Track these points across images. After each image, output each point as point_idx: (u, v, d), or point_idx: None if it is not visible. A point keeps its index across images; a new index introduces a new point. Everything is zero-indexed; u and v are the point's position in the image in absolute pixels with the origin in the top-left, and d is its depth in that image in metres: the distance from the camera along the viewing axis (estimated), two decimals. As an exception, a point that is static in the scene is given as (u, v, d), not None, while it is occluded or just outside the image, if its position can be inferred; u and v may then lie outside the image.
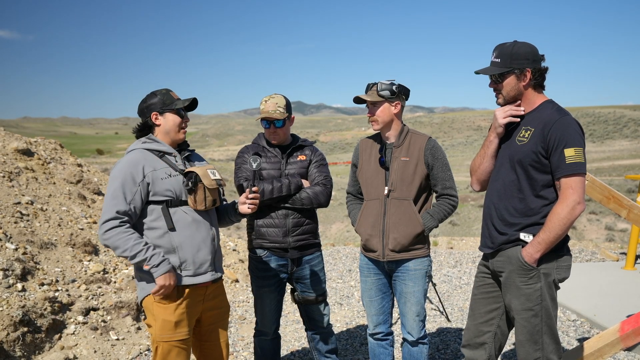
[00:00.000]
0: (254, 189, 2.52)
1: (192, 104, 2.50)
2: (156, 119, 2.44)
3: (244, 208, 2.53)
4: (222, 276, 2.59)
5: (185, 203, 2.41)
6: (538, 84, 2.36)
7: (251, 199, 2.51)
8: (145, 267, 2.26)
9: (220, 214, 2.66)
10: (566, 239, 2.36)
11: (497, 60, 2.34)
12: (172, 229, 2.35)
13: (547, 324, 2.35)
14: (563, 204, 2.21)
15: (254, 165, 2.58)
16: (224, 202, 2.71)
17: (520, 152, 2.33)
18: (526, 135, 2.33)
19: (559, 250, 2.33)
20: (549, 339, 2.36)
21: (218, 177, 2.48)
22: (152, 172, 2.34)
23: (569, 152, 2.19)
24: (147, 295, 2.38)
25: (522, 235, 2.34)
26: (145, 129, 2.48)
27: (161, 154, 2.42)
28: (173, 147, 2.50)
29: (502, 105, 2.44)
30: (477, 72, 2.40)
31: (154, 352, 2.40)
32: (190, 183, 2.37)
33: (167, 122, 2.44)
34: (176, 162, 2.45)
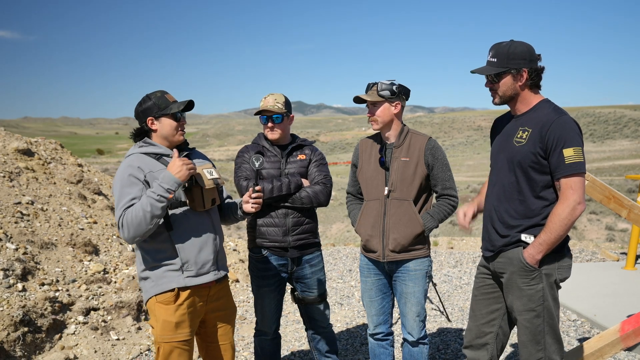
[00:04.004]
0: (257, 187, 2.52)
1: (189, 104, 2.48)
2: (152, 124, 2.42)
3: (248, 207, 2.53)
4: (226, 275, 2.59)
5: (184, 204, 2.40)
6: (534, 84, 2.34)
7: (254, 197, 2.51)
8: (170, 197, 2.23)
9: (224, 212, 2.66)
10: (566, 239, 2.36)
11: (493, 59, 2.32)
12: (172, 230, 2.35)
13: (549, 324, 2.34)
14: (564, 205, 2.20)
15: (257, 164, 2.58)
16: (229, 201, 2.71)
17: (518, 153, 2.32)
18: (524, 136, 2.31)
19: (560, 250, 2.32)
20: (551, 339, 2.36)
21: (215, 176, 2.47)
22: (149, 173, 2.33)
23: (568, 152, 2.18)
24: (150, 297, 2.38)
25: (524, 237, 2.33)
26: (142, 134, 2.47)
27: (158, 156, 2.41)
28: (171, 148, 2.49)
29: (498, 104, 2.42)
30: (473, 72, 2.38)
31: (156, 353, 2.40)
32: (186, 184, 2.36)
33: (163, 127, 2.42)
34: None
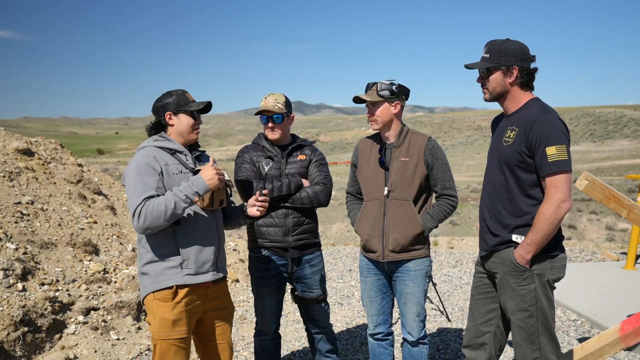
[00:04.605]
0: (264, 191, 2.53)
1: (206, 106, 2.52)
2: (170, 119, 2.46)
3: (253, 211, 2.54)
4: (224, 277, 2.60)
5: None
6: (525, 83, 2.35)
7: (261, 201, 2.52)
8: (195, 200, 2.29)
9: (228, 216, 2.67)
10: (560, 238, 2.36)
11: (486, 55, 2.35)
12: (178, 226, 2.36)
13: (543, 324, 2.34)
14: (548, 204, 2.20)
15: (267, 169, 2.60)
16: (232, 205, 2.72)
17: (506, 152, 2.33)
18: (511, 136, 2.32)
19: (553, 250, 2.32)
20: (546, 339, 2.36)
21: (226, 177, 2.50)
22: (165, 166, 2.37)
23: (551, 151, 2.18)
24: (148, 294, 2.39)
25: (514, 237, 2.34)
26: (158, 128, 2.51)
27: (172, 152, 2.45)
28: (184, 147, 2.52)
29: (488, 101, 2.43)
30: (466, 66, 2.40)
31: (154, 350, 2.41)
32: None
33: (180, 123, 2.46)
34: (187, 160, 2.48)
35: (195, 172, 2.42)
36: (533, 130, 2.22)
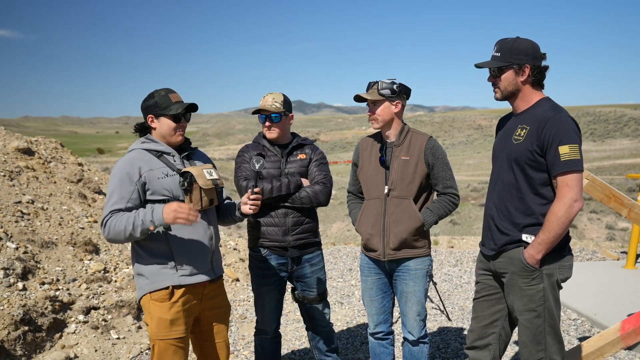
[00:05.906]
0: (255, 189, 2.52)
1: (190, 107, 2.47)
2: (152, 121, 2.44)
3: (246, 208, 2.53)
4: (221, 276, 2.60)
5: (182, 202, 2.40)
6: (536, 82, 2.34)
7: (253, 199, 2.51)
8: (151, 229, 2.27)
9: (223, 213, 2.66)
10: (568, 238, 2.35)
11: (497, 54, 2.33)
12: (168, 228, 2.35)
13: (550, 324, 2.34)
14: (560, 203, 2.19)
15: (257, 166, 2.59)
16: (228, 201, 2.71)
17: (516, 150, 2.32)
18: (522, 134, 2.31)
19: (561, 250, 2.31)
20: (552, 340, 2.35)
21: (215, 176, 2.47)
22: (148, 172, 2.35)
23: (564, 150, 2.17)
24: (144, 295, 2.39)
25: (524, 237, 2.33)
26: (144, 129, 2.50)
27: (159, 154, 2.43)
28: (171, 147, 2.50)
29: (499, 100, 2.42)
30: (477, 65, 2.38)
31: (152, 351, 2.41)
32: (185, 183, 2.37)
33: (161, 126, 2.43)
34: (174, 161, 2.45)
35: (182, 174, 2.39)
36: (546, 129, 2.20)
